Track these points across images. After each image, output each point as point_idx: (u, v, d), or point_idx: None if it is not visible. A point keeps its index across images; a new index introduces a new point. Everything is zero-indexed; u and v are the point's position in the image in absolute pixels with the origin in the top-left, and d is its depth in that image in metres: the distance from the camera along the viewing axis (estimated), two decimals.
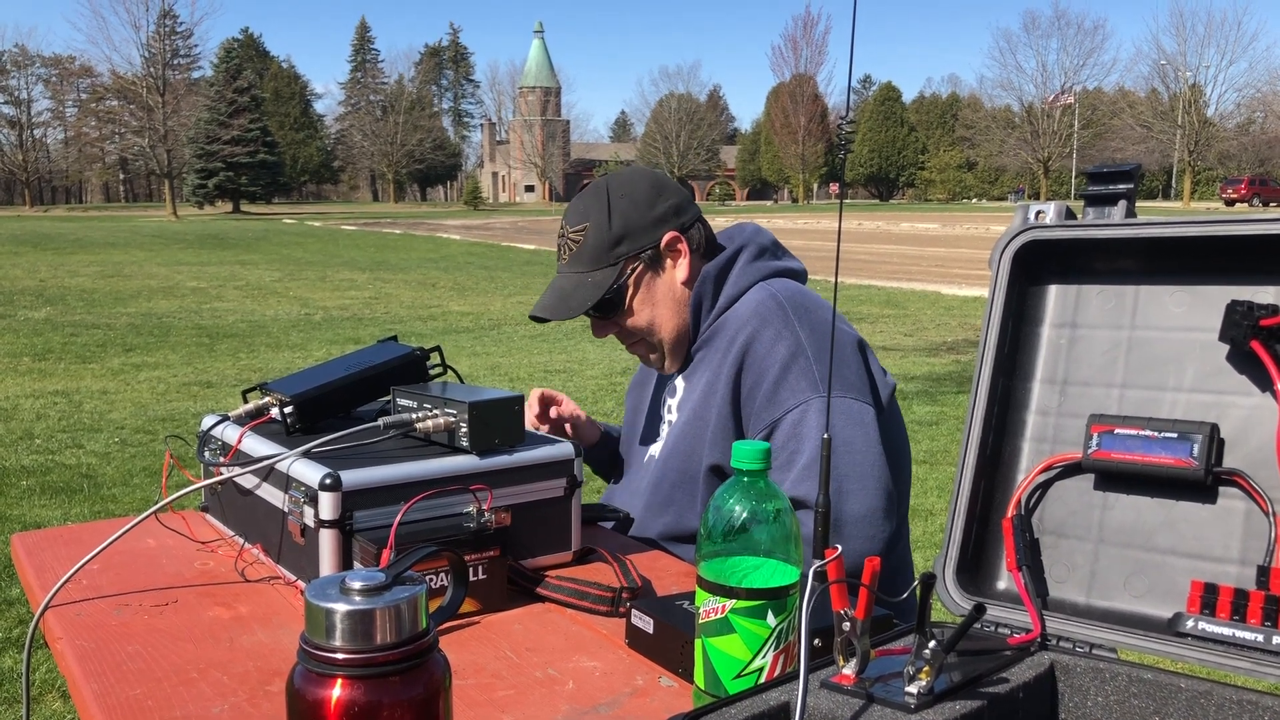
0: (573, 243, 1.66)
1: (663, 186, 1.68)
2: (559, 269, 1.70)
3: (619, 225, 1.63)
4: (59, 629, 1.22)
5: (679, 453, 1.64)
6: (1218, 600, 0.86)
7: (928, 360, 8.70)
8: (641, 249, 1.64)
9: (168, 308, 12.85)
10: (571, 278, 1.66)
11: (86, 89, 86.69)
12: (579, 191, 1.75)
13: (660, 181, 1.69)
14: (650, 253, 1.64)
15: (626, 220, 1.63)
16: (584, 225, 1.65)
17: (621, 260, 1.63)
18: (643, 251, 1.64)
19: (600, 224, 1.64)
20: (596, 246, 1.64)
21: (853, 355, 1.59)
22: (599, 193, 1.67)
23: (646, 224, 1.64)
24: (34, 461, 5.51)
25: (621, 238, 1.63)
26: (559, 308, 1.65)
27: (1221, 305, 0.90)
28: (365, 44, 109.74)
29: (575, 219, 1.67)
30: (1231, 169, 67.51)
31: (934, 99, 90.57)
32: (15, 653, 3.25)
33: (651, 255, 1.65)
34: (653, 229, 1.64)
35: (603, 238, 1.63)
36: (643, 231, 1.64)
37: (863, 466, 1.48)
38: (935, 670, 0.80)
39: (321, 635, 0.70)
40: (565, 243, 1.68)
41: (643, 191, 1.65)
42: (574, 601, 1.31)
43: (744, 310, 1.62)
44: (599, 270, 1.64)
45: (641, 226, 1.64)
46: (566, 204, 7.40)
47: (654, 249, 1.64)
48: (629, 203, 1.64)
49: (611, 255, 1.63)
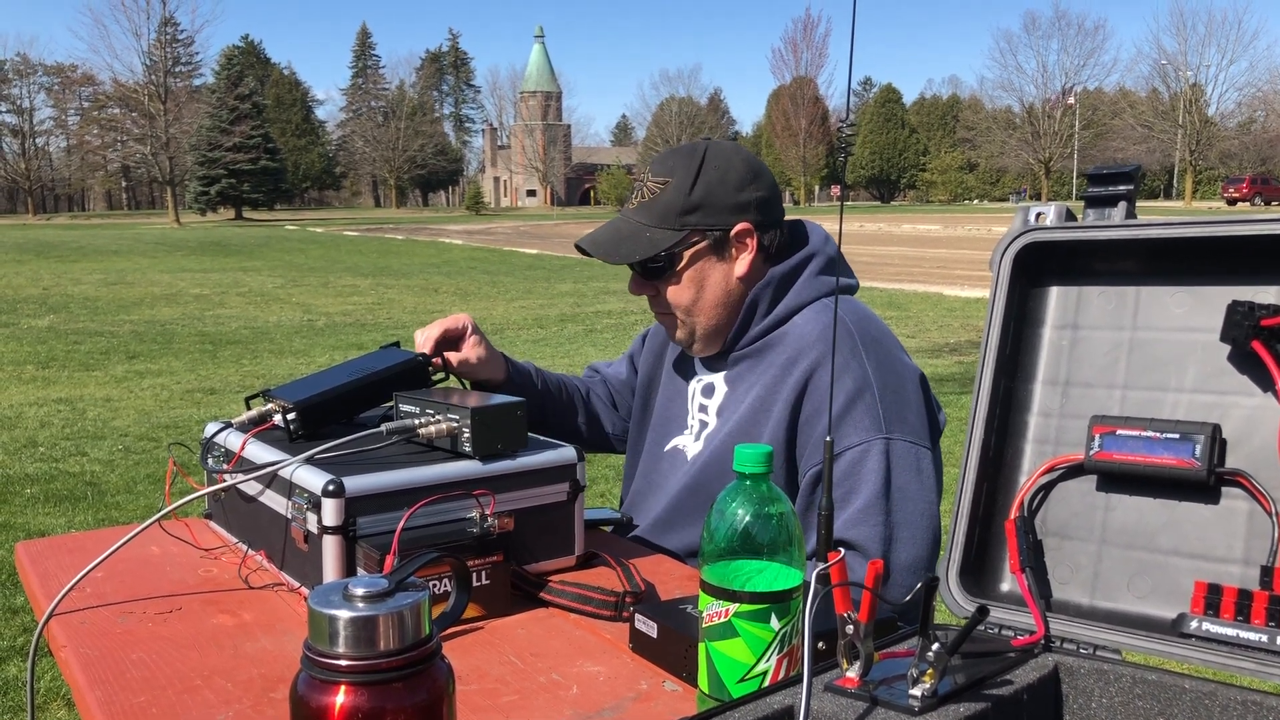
0: (649, 191, 1.60)
1: (758, 175, 1.60)
2: (623, 210, 1.64)
3: (700, 193, 1.56)
4: (63, 637, 1.22)
5: (722, 463, 1.57)
6: (1221, 601, 0.86)
7: (930, 362, 8.70)
8: (712, 226, 1.57)
9: (171, 315, 12.87)
10: (632, 224, 1.60)
11: (88, 97, 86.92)
12: (673, 149, 1.65)
13: (758, 170, 1.62)
14: (719, 234, 1.58)
15: (709, 191, 1.56)
16: (666, 179, 1.58)
17: (688, 229, 1.57)
18: (712, 229, 1.57)
19: (682, 184, 1.57)
20: (669, 204, 1.57)
21: (915, 394, 1.55)
22: (694, 154, 1.59)
23: (727, 204, 1.57)
24: (38, 469, 5.52)
25: (697, 206, 1.56)
26: (609, 249, 1.60)
27: (1222, 306, 0.90)
28: (366, 50, 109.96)
29: (659, 169, 1.61)
30: (1233, 168, 67.45)
31: (935, 100, 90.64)
32: (20, 661, 3.26)
33: (719, 237, 1.58)
34: (730, 212, 1.57)
35: (678, 199, 1.57)
36: (720, 210, 1.57)
37: (915, 515, 1.46)
38: (939, 673, 0.80)
39: (325, 642, 0.70)
40: (641, 188, 1.62)
41: (736, 171, 1.58)
42: (578, 606, 1.31)
43: (810, 330, 1.56)
44: (662, 229, 1.57)
45: (721, 204, 1.57)
46: (568, 208, 7.30)
47: (724, 232, 1.58)
48: (718, 175, 1.57)
49: (680, 220, 1.57)
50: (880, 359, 1.53)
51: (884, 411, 1.48)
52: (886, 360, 1.54)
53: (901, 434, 1.48)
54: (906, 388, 1.54)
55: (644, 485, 1.75)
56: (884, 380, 1.51)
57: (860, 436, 1.47)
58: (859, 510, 1.45)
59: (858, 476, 1.46)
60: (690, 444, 1.68)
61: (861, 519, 1.44)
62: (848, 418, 1.48)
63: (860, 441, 1.47)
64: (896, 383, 1.52)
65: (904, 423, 1.50)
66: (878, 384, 1.50)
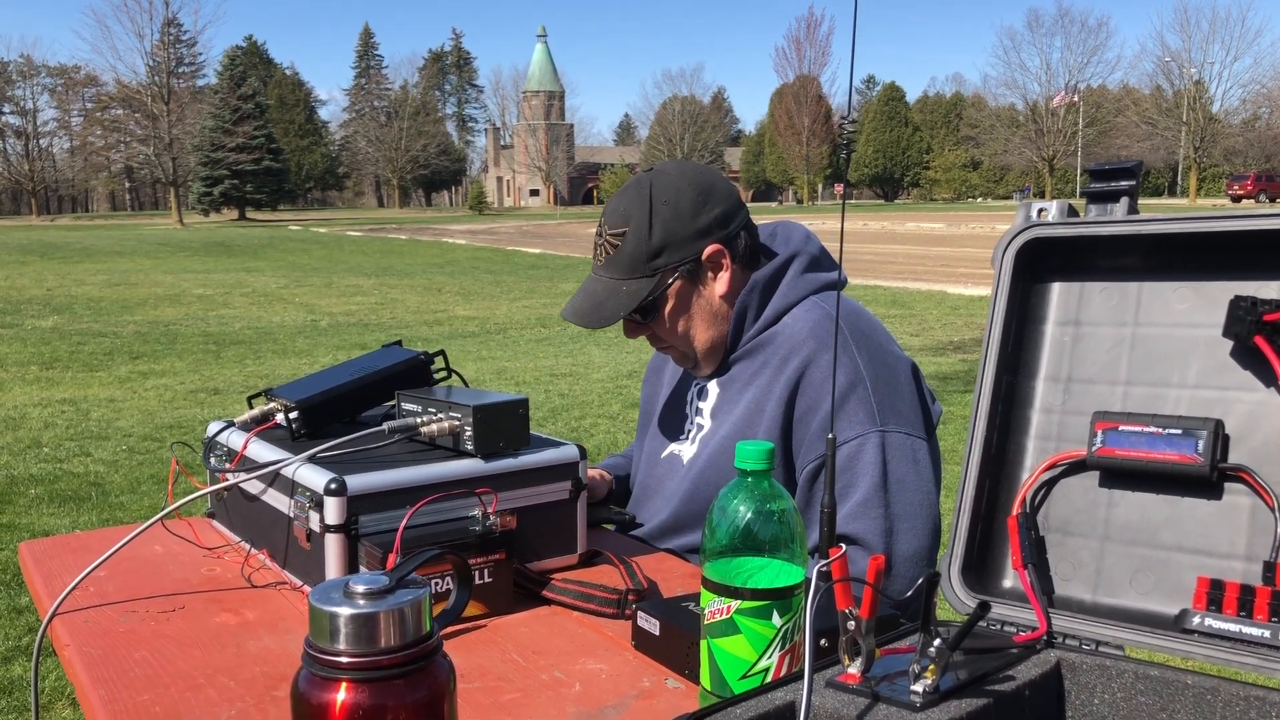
0: (610, 245, 1.58)
1: (710, 192, 1.58)
2: (594, 269, 1.63)
3: (660, 235, 1.55)
4: (67, 636, 1.22)
5: (719, 466, 1.58)
6: (1224, 596, 0.86)
7: (934, 360, 8.69)
8: (682, 261, 1.55)
9: (174, 315, 12.88)
10: (606, 283, 1.59)
11: (91, 98, 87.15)
12: (621, 189, 1.64)
13: (708, 186, 1.59)
14: (690, 265, 1.56)
15: (668, 230, 1.55)
16: (623, 230, 1.57)
17: (659, 272, 1.55)
18: (683, 264, 1.56)
19: (640, 231, 1.55)
20: (634, 255, 1.56)
21: (907, 384, 1.55)
22: (641, 195, 1.57)
23: (689, 235, 1.55)
24: (42, 470, 5.53)
25: (661, 249, 1.55)
26: (592, 315, 1.58)
27: (1225, 301, 0.90)
28: (369, 50, 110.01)
29: (615, 221, 1.58)
30: (1237, 165, 67.35)
31: (938, 98, 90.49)
32: (25, 660, 3.26)
33: (691, 268, 1.57)
34: (695, 240, 1.55)
35: (641, 247, 1.55)
36: (684, 243, 1.55)
37: (914, 505, 1.46)
38: (941, 669, 0.80)
39: (326, 639, 0.70)
40: (603, 244, 1.60)
41: (688, 200, 1.56)
42: (580, 604, 1.31)
43: (800, 328, 1.56)
44: (635, 280, 1.56)
45: (683, 238, 1.55)
46: (571, 207, 7.29)
47: (695, 261, 1.56)
48: (672, 210, 1.55)
49: (649, 266, 1.55)
50: (871, 352, 1.53)
51: (878, 404, 1.49)
52: (878, 353, 1.54)
53: (896, 426, 1.49)
54: (899, 379, 1.54)
55: (642, 491, 1.76)
56: (876, 373, 1.51)
57: (855, 430, 1.48)
58: (858, 504, 1.45)
59: (855, 470, 1.46)
60: (686, 448, 1.69)
61: (861, 512, 1.45)
62: (842, 412, 1.49)
63: (855, 435, 1.47)
64: (889, 375, 1.53)
65: (898, 414, 1.50)
66: (870, 377, 1.50)
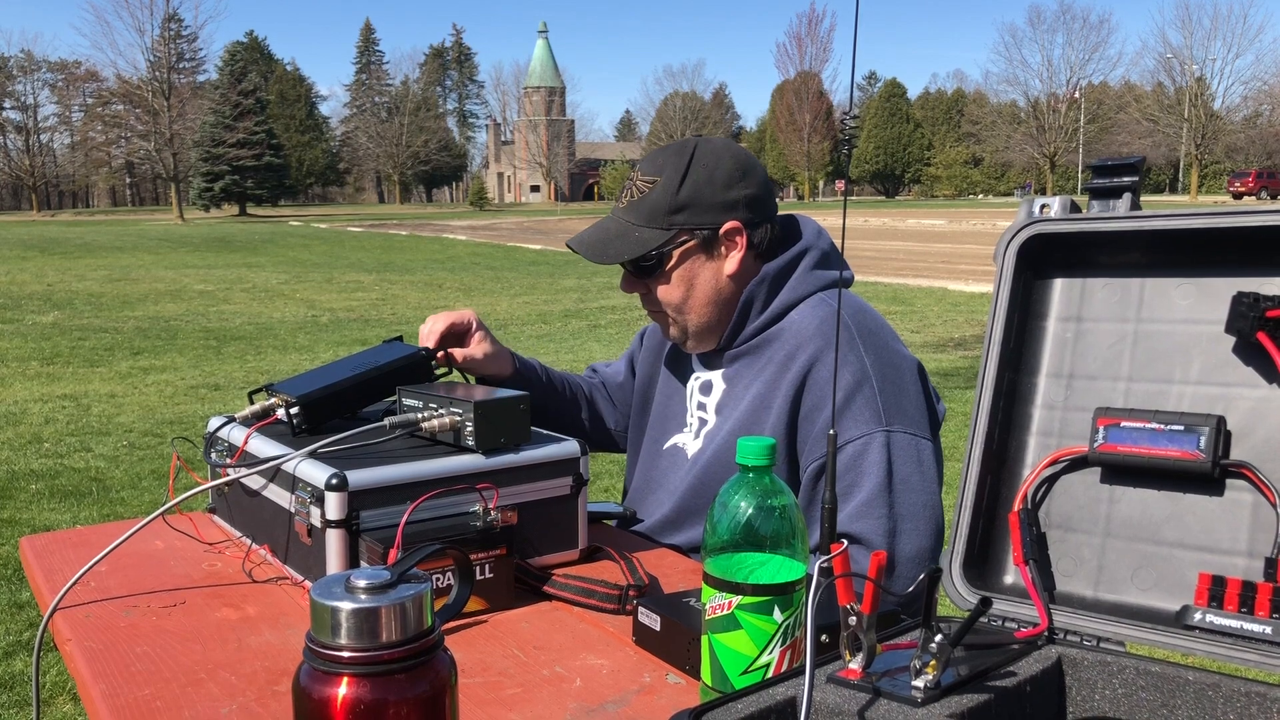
0: (638, 190, 1.59)
1: (748, 172, 1.58)
2: (614, 209, 1.63)
3: (687, 192, 1.55)
4: (68, 630, 1.22)
5: (724, 462, 1.57)
6: (1225, 592, 0.86)
7: (935, 357, 8.69)
8: (700, 225, 1.56)
9: (175, 311, 12.88)
10: (621, 224, 1.60)
11: (92, 93, 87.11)
12: (665, 146, 1.65)
13: (748, 167, 1.59)
14: (707, 233, 1.57)
15: (696, 190, 1.55)
16: (654, 178, 1.58)
17: (676, 228, 1.56)
18: (700, 229, 1.56)
19: (670, 183, 1.56)
20: (656, 203, 1.56)
21: (913, 385, 1.54)
22: (683, 152, 1.59)
23: (715, 203, 1.56)
24: (43, 465, 5.53)
25: (684, 206, 1.55)
26: (597, 249, 1.59)
27: (1227, 297, 0.90)
28: (369, 46, 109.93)
29: (649, 168, 1.60)
30: (1239, 162, 67.31)
31: (939, 95, 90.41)
32: (26, 656, 3.27)
33: (708, 236, 1.57)
34: (719, 211, 1.56)
35: (666, 198, 1.56)
36: (708, 209, 1.56)
37: (917, 506, 1.46)
38: (942, 664, 0.80)
39: (327, 634, 0.70)
40: (631, 186, 1.61)
41: (725, 169, 1.57)
42: (581, 600, 1.31)
43: (806, 325, 1.56)
44: (650, 228, 1.57)
45: (709, 203, 1.56)
46: (572, 204, 7.28)
47: (712, 231, 1.57)
48: (706, 174, 1.56)
49: (667, 219, 1.56)
50: (878, 351, 1.53)
51: (883, 404, 1.48)
52: (884, 352, 1.54)
53: (902, 426, 1.48)
54: (905, 379, 1.54)
55: (644, 483, 1.75)
56: (882, 372, 1.51)
57: (861, 430, 1.47)
58: (861, 504, 1.45)
59: (859, 470, 1.46)
60: (690, 442, 1.68)
61: (864, 512, 1.44)
62: (848, 411, 1.48)
63: (861, 435, 1.47)
64: (895, 374, 1.52)
65: (904, 414, 1.50)
66: (876, 376, 1.50)
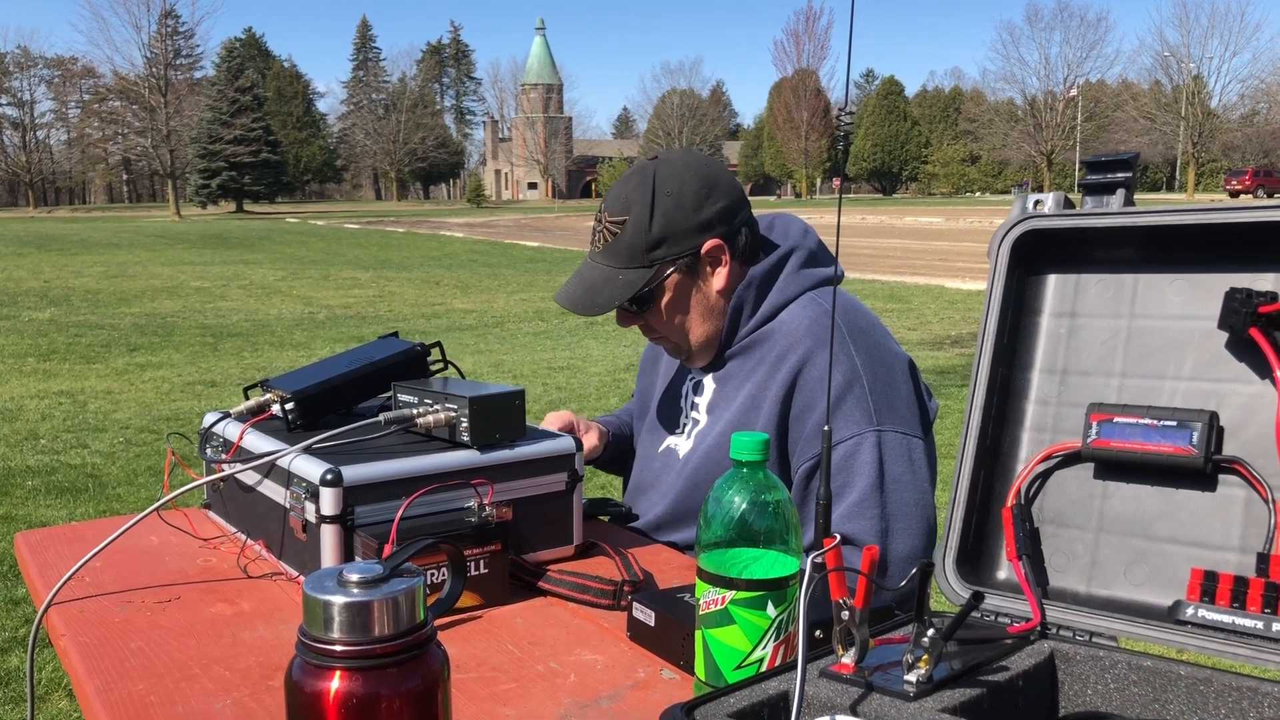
0: (609, 233, 1.55)
1: (714, 185, 1.55)
2: (589, 255, 1.60)
3: (660, 226, 1.52)
4: (62, 626, 1.22)
5: (715, 461, 1.57)
6: (1217, 588, 0.86)
7: (931, 354, 8.69)
8: (681, 254, 1.53)
9: (172, 308, 12.87)
10: (601, 270, 1.56)
11: (89, 90, 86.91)
12: (623, 176, 1.60)
13: (712, 179, 1.55)
14: (689, 259, 1.54)
15: (669, 221, 1.52)
16: (623, 217, 1.54)
17: (658, 264, 1.53)
18: (681, 257, 1.53)
19: (640, 221, 1.52)
20: (633, 244, 1.53)
21: (904, 383, 1.54)
22: (644, 183, 1.54)
23: (690, 228, 1.52)
24: (39, 462, 5.52)
25: (661, 240, 1.52)
26: (585, 302, 1.56)
27: (1220, 293, 0.90)
28: (367, 42, 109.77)
29: (616, 207, 1.55)
30: (1236, 161, 67.36)
31: (937, 93, 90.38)
32: (21, 652, 3.27)
33: (690, 262, 1.54)
34: (695, 234, 1.53)
35: (640, 237, 1.52)
36: (684, 236, 1.52)
37: (909, 505, 1.45)
38: (934, 658, 0.81)
39: (319, 627, 0.70)
40: (601, 230, 1.57)
41: (691, 191, 1.53)
42: (576, 595, 1.31)
43: (797, 325, 1.54)
44: (632, 269, 1.53)
45: (684, 230, 1.52)
46: (569, 201, 7.28)
47: (693, 255, 1.54)
48: (674, 201, 1.52)
49: (647, 257, 1.53)
50: (869, 350, 1.52)
51: (874, 403, 1.48)
52: (875, 351, 1.53)
53: (893, 425, 1.48)
54: (896, 377, 1.53)
55: (639, 484, 1.76)
56: (874, 371, 1.50)
57: (852, 429, 1.47)
58: (853, 504, 1.44)
59: (851, 470, 1.46)
60: (682, 443, 1.68)
61: (856, 512, 1.44)
62: (839, 411, 1.47)
63: (852, 435, 1.47)
64: (886, 373, 1.52)
65: (895, 413, 1.49)
66: (867, 376, 1.49)
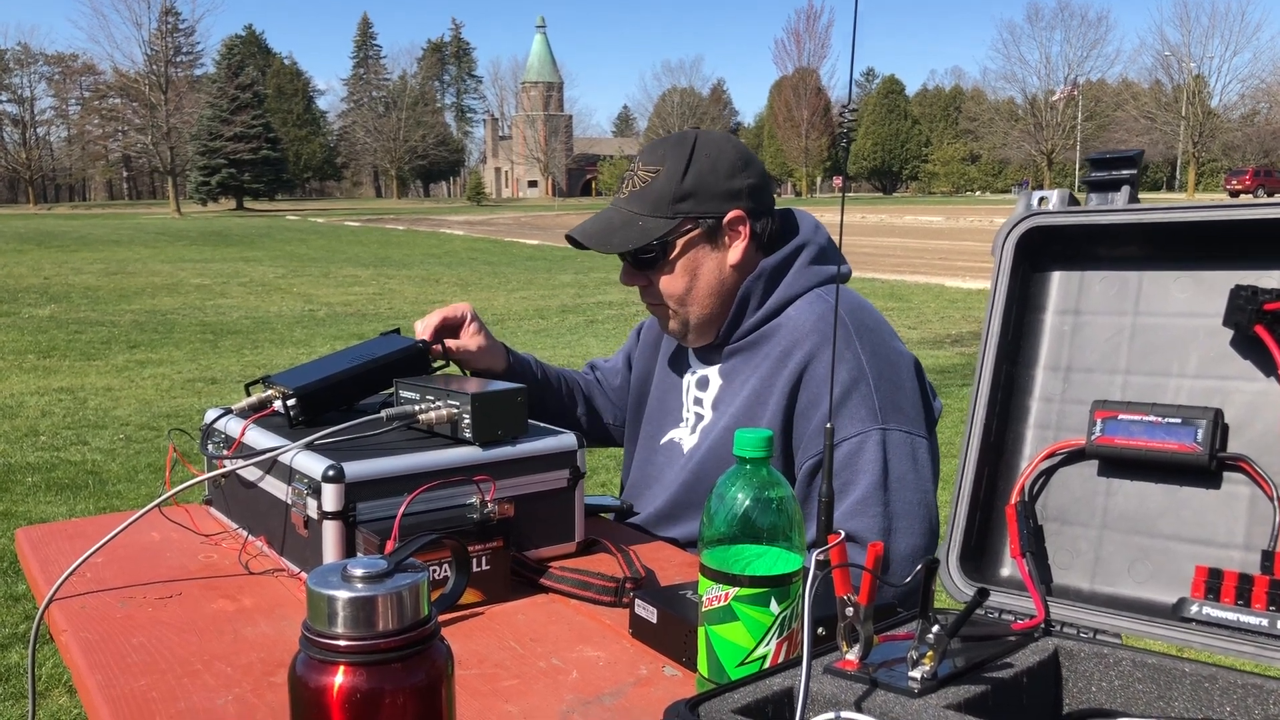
0: (640, 180, 1.58)
1: (749, 163, 1.60)
2: (614, 200, 1.62)
3: (692, 180, 1.55)
4: (64, 622, 1.22)
5: (720, 457, 1.57)
6: (1222, 585, 0.86)
7: (932, 353, 8.69)
8: (704, 214, 1.56)
9: (172, 305, 12.86)
10: (624, 214, 1.58)
11: (89, 87, 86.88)
12: (662, 138, 1.65)
13: (749, 158, 1.61)
14: (712, 222, 1.57)
15: (701, 179, 1.55)
16: (657, 168, 1.57)
17: (680, 216, 1.55)
18: (705, 217, 1.56)
19: (673, 172, 1.56)
20: (661, 193, 1.56)
21: (910, 382, 1.54)
22: (684, 142, 1.59)
23: (719, 192, 1.56)
24: (39, 458, 5.52)
25: (689, 194, 1.55)
26: (600, 239, 1.58)
27: (1225, 290, 0.90)
28: (367, 40, 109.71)
29: (650, 158, 1.60)
30: (1236, 160, 67.36)
31: (937, 91, 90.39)
32: (22, 648, 3.27)
33: (712, 225, 1.57)
34: (723, 200, 1.56)
35: (670, 187, 1.55)
36: (712, 197, 1.56)
37: (912, 505, 1.45)
38: (939, 655, 0.80)
39: (323, 622, 0.70)
40: (632, 177, 1.60)
41: (727, 158, 1.57)
42: (578, 592, 1.31)
43: (804, 321, 1.55)
44: (655, 217, 1.56)
45: (713, 192, 1.56)
46: (569, 199, 7.29)
47: (716, 220, 1.56)
48: (710, 163, 1.56)
49: (672, 208, 1.55)
50: (875, 348, 1.52)
51: (879, 402, 1.48)
52: (881, 349, 1.53)
53: (897, 424, 1.48)
54: (901, 376, 1.53)
55: (640, 477, 1.75)
56: (879, 370, 1.50)
57: (856, 428, 1.47)
58: (856, 502, 1.44)
59: (855, 468, 1.46)
60: (686, 437, 1.68)
61: (859, 510, 1.44)
62: (844, 409, 1.48)
63: (856, 433, 1.47)
64: (891, 372, 1.52)
65: (900, 412, 1.49)
66: (873, 374, 1.49)
